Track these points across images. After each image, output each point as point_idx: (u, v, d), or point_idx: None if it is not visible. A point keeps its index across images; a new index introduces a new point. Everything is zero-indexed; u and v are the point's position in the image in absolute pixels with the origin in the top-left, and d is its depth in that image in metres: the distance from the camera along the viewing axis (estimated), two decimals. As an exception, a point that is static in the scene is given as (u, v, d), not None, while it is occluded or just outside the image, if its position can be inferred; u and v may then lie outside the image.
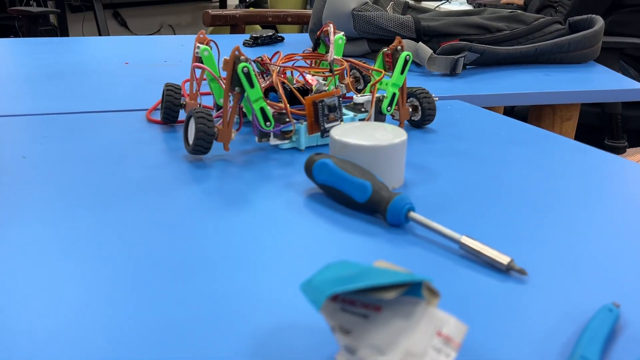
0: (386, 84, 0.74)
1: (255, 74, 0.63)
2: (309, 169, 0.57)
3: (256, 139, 0.68)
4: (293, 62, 0.77)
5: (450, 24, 1.17)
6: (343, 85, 0.75)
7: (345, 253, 0.47)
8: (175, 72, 1.08)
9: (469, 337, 0.37)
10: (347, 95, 0.79)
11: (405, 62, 0.73)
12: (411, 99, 0.78)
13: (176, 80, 1.02)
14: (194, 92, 0.75)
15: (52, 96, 0.89)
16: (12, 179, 0.59)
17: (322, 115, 0.68)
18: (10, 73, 1.03)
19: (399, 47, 0.73)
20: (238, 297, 0.41)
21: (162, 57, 1.21)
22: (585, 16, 1.23)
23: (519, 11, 1.26)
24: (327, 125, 0.68)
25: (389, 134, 0.60)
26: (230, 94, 0.64)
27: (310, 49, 0.80)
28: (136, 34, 4.36)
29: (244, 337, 0.36)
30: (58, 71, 1.05)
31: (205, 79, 0.79)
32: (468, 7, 2.54)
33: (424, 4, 2.69)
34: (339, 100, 0.68)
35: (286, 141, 0.69)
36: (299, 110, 0.68)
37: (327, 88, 0.73)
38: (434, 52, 1.10)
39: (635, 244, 0.49)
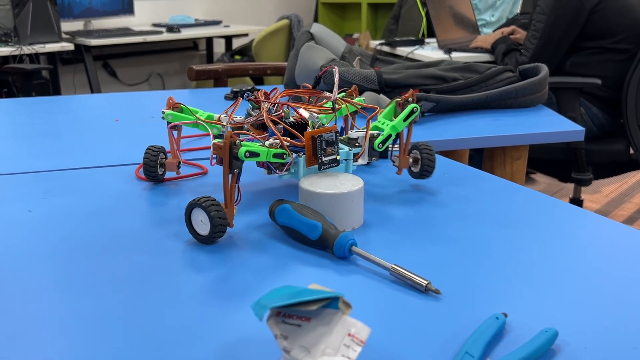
0: (386, 125, 0.79)
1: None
2: (272, 213, 0.68)
3: (264, 171, 0.74)
4: (288, 97, 0.81)
5: (410, 76, 1.30)
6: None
7: (300, 282, 0.58)
8: (163, 127, 1.20)
9: (389, 339, 0.48)
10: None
11: (412, 112, 0.78)
12: (414, 151, 0.83)
13: (162, 133, 1.13)
14: (175, 152, 0.86)
15: (50, 154, 1.00)
16: (20, 230, 0.70)
17: (320, 150, 0.72)
18: (9, 132, 1.14)
19: (410, 99, 0.79)
20: (204, 319, 0.51)
21: (151, 112, 1.32)
22: (533, 64, 1.37)
23: (472, 62, 1.39)
24: (324, 159, 0.72)
25: (348, 183, 0.71)
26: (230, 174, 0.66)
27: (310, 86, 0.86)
28: (125, 83, 4.50)
29: (213, 350, 0.47)
30: (53, 130, 1.16)
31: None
32: (439, 52, 2.69)
33: (398, 50, 2.84)
34: (336, 136, 0.73)
35: (285, 172, 0.73)
36: (297, 142, 0.72)
37: (322, 121, 0.77)
38: (395, 102, 1.22)
39: (523, 257, 0.60)
